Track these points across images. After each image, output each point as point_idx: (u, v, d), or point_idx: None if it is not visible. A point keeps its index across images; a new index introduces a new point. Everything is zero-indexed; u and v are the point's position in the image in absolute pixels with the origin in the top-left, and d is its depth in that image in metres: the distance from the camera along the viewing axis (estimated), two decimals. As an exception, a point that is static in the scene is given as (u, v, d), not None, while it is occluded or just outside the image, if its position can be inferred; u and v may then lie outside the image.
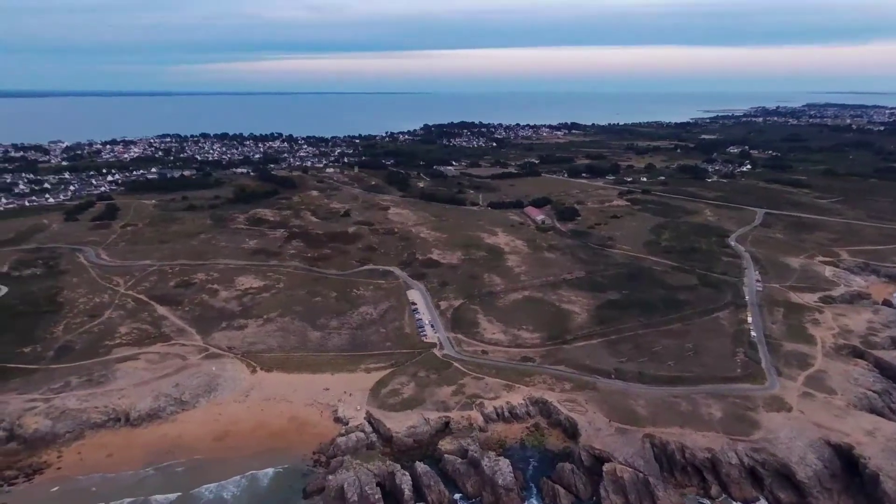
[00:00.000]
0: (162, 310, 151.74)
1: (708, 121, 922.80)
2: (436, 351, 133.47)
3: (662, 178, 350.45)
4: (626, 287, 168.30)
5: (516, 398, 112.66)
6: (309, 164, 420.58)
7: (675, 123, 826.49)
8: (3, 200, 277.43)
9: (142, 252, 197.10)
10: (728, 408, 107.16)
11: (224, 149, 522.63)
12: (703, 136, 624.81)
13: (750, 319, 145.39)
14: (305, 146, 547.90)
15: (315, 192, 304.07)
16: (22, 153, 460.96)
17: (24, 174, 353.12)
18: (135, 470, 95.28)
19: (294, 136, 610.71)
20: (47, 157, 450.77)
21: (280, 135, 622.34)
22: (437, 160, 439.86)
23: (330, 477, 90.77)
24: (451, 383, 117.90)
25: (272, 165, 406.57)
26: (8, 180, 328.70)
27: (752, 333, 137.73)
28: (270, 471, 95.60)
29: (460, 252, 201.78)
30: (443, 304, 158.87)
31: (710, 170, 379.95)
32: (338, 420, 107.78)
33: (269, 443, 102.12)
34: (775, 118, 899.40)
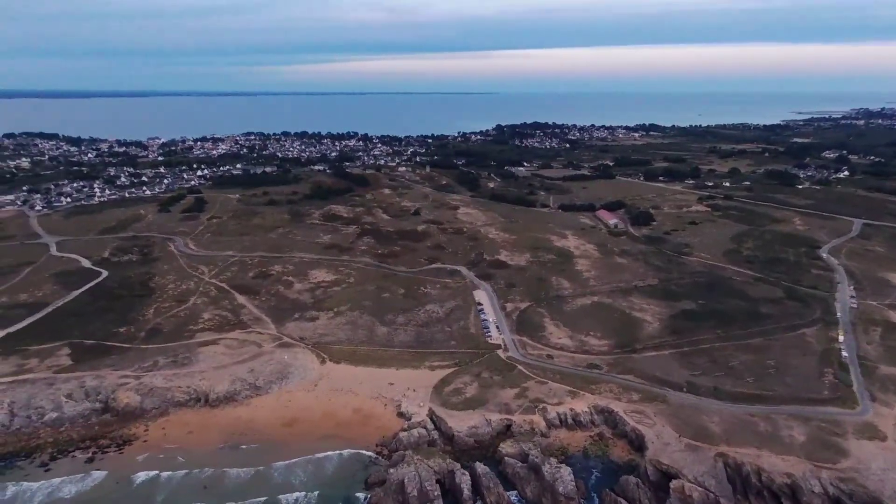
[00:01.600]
0: (241, 298, 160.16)
1: (801, 123, 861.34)
2: (500, 352, 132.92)
3: (747, 183, 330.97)
4: (703, 297, 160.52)
5: (581, 405, 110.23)
6: (382, 162, 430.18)
7: (764, 126, 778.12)
8: (107, 191, 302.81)
9: (225, 243, 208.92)
10: (812, 432, 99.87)
11: (303, 147, 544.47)
12: (795, 140, 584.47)
13: (841, 338, 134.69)
14: (380, 145, 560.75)
15: (387, 191, 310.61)
16: (124, 149, 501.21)
17: (125, 168, 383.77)
18: (212, 447, 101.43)
19: (369, 135, 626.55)
20: (146, 152, 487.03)
21: (356, 134, 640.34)
22: (508, 161, 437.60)
23: (391, 470, 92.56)
24: (515, 386, 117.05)
25: (347, 163, 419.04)
26: (112, 173, 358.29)
27: (844, 353, 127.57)
28: (335, 459, 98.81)
29: (528, 254, 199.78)
30: (509, 306, 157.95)
31: (801, 175, 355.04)
32: (401, 415, 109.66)
33: (334, 432, 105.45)
34: (879, 121, 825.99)
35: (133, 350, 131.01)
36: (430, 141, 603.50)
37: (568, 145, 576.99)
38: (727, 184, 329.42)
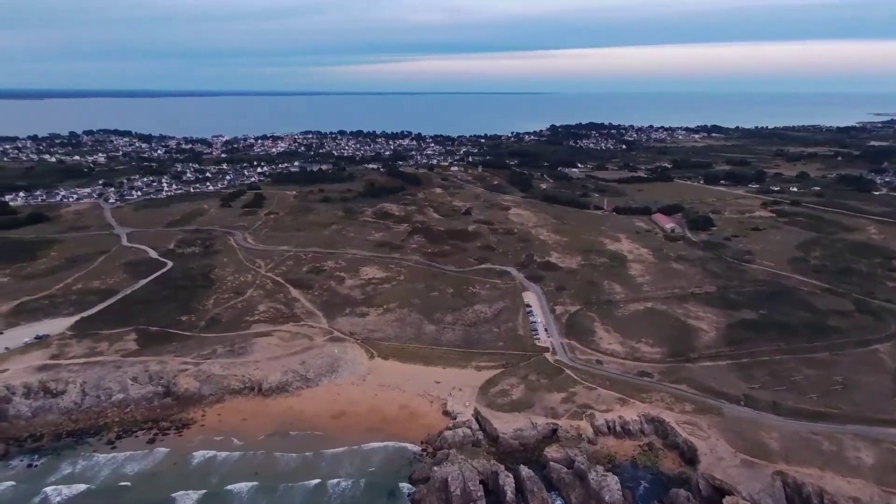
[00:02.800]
0: (295, 292, 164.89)
1: (879, 125, 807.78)
2: (548, 356, 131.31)
3: (817, 188, 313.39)
4: (765, 307, 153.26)
5: (630, 413, 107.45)
6: (435, 161, 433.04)
7: (837, 128, 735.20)
8: (174, 186, 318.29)
9: (281, 238, 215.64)
10: (882, 455, 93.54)
11: (358, 145, 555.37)
12: (872, 143, 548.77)
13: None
14: (433, 144, 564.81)
15: (439, 190, 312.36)
16: (190, 146, 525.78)
17: (191, 164, 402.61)
18: (264, 434, 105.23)
19: (422, 134, 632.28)
20: (210, 149, 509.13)
21: (409, 133, 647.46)
22: (561, 161, 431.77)
23: (435, 468, 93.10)
24: (562, 390, 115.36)
25: (400, 162, 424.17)
26: (178, 169, 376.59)
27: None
28: (381, 452, 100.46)
29: (580, 257, 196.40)
30: (558, 309, 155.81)
31: (878, 181, 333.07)
32: (446, 413, 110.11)
33: (380, 426, 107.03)
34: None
35: (193, 338, 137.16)
36: (483, 141, 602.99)
37: (624, 146, 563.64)
38: (795, 188, 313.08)
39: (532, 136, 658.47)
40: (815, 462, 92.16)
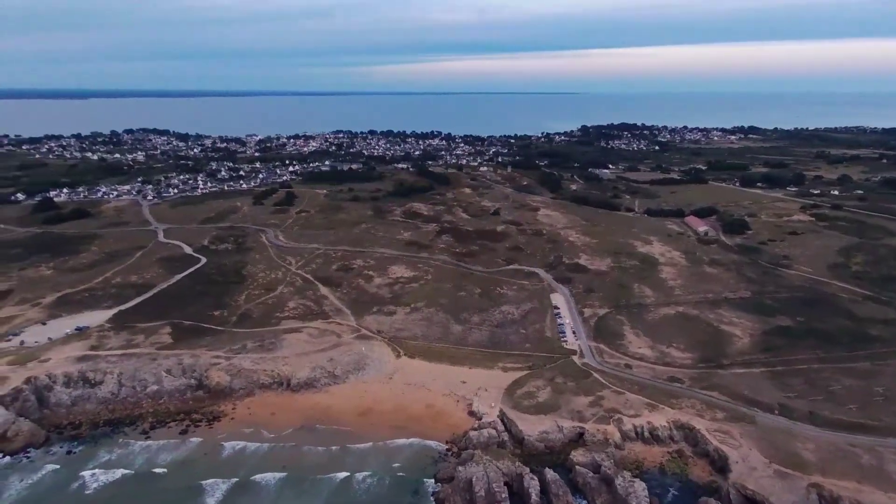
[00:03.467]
0: (324, 290, 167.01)
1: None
2: (575, 358, 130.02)
3: (860, 192, 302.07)
4: (802, 314, 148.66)
5: (659, 419, 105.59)
6: (464, 161, 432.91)
7: (883, 129, 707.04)
8: (209, 184, 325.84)
9: (311, 236, 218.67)
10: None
11: (388, 145, 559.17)
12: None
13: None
14: (462, 144, 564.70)
15: (468, 190, 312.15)
16: (225, 145, 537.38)
17: (225, 162, 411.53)
18: (292, 428, 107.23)
19: (452, 134, 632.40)
20: (244, 148, 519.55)
21: (439, 133, 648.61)
22: (592, 162, 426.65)
23: (460, 468, 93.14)
24: (589, 394, 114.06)
25: (430, 162, 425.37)
26: (213, 167, 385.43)
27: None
28: (406, 450, 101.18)
29: (610, 259, 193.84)
30: (587, 312, 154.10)
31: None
32: (472, 414, 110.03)
33: (406, 425, 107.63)
34: None
35: (225, 333, 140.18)
36: (512, 141, 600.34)
37: (657, 147, 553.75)
38: (835, 192, 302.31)
39: (562, 137, 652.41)
40: (853, 475, 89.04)
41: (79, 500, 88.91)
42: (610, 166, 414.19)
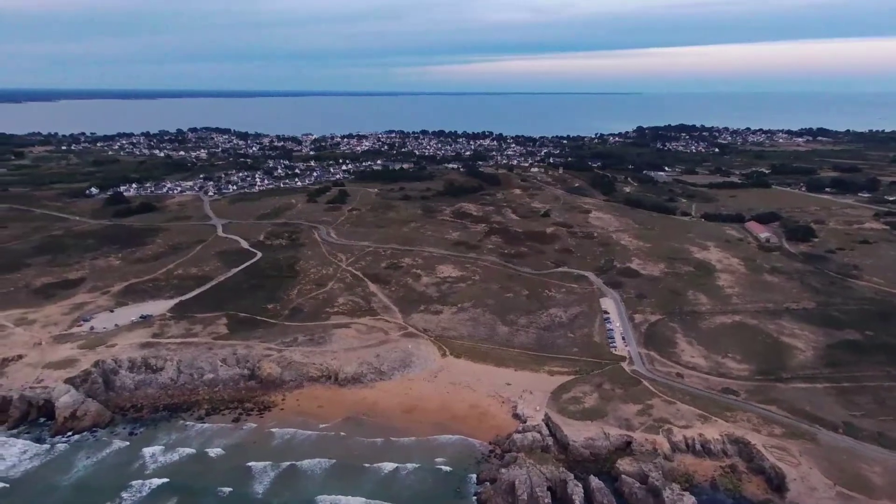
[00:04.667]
0: (373, 287, 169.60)
1: None
2: (624, 365, 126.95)
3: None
4: (872, 327, 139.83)
5: (711, 432, 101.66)
6: (515, 162, 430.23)
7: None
8: (266, 181, 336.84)
9: (362, 234, 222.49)
10: None
11: (439, 145, 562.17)
12: None
13: None
14: (513, 145, 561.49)
15: (518, 191, 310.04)
16: (282, 143, 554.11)
17: (281, 161, 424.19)
18: (339, 420, 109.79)
19: (504, 135, 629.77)
20: (300, 147, 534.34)
21: (490, 133, 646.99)
22: (647, 164, 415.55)
23: (503, 470, 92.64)
24: (638, 402, 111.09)
25: (480, 162, 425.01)
26: (270, 165, 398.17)
27: None
28: (449, 448, 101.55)
29: (663, 264, 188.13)
30: (638, 318, 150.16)
31: None
32: (516, 416, 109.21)
33: (450, 424, 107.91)
34: None
35: (277, 326, 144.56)
36: (564, 142, 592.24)
37: (717, 150, 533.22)
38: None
39: (617, 138, 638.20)
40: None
41: (140, 477, 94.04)
42: (666, 169, 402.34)
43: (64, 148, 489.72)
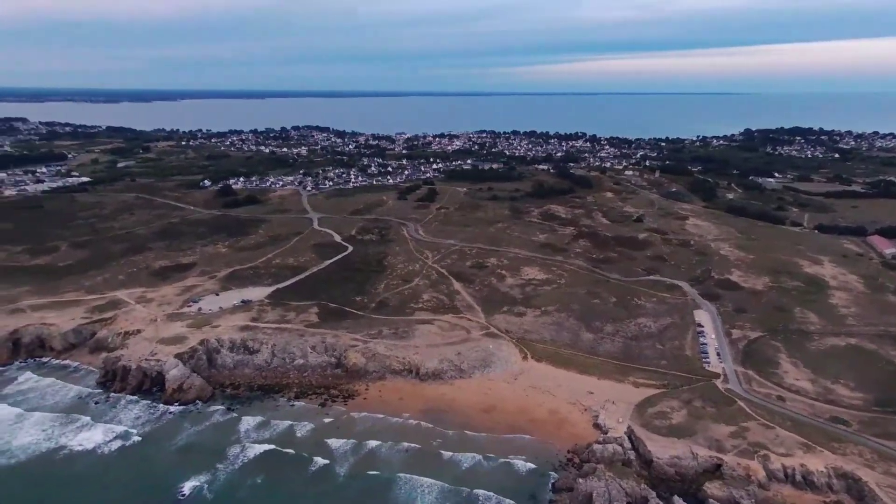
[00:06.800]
0: (457, 285, 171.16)
1: None
2: (718, 383, 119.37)
3: None
4: None
5: (816, 463, 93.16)
6: (608, 164, 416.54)
7: None
8: (360, 178, 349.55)
9: (449, 232, 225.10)
10: None
11: (530, 145, 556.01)
12: None
13: None
14: (607, 147, 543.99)
15: (609, 194, 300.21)
16: (376, 142, 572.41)
17: (375, 158, 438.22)
18: (418, 412, 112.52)
19: (597, 136, 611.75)
20: (393, 145, 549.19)
21: (584, 134, 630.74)
22: (754, 170, 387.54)
23: (580, 480, 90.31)
24: (731, 423, 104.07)
25: (572, 164, 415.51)
26: (365, 162, 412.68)
27: None
28: (527, 451, 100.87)
29: (767, 277, 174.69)
30: (735, 333, 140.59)
31: None
32: (597, 426, 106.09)
33: (528, 428, 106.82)
34: None
35: (364, 318, 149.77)
36: (662, 144, 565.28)
37: (837, 155, 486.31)
38: None
39: (721, 141, 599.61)
40: None
41: (238, 444, 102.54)
42: (776, 175, 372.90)
43: (183, 143, 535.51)
